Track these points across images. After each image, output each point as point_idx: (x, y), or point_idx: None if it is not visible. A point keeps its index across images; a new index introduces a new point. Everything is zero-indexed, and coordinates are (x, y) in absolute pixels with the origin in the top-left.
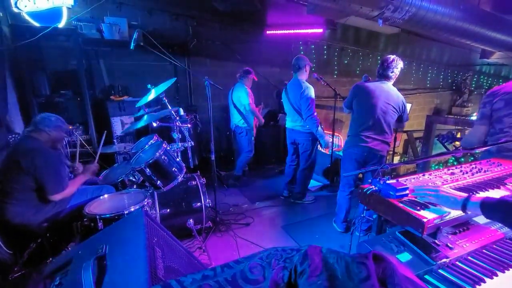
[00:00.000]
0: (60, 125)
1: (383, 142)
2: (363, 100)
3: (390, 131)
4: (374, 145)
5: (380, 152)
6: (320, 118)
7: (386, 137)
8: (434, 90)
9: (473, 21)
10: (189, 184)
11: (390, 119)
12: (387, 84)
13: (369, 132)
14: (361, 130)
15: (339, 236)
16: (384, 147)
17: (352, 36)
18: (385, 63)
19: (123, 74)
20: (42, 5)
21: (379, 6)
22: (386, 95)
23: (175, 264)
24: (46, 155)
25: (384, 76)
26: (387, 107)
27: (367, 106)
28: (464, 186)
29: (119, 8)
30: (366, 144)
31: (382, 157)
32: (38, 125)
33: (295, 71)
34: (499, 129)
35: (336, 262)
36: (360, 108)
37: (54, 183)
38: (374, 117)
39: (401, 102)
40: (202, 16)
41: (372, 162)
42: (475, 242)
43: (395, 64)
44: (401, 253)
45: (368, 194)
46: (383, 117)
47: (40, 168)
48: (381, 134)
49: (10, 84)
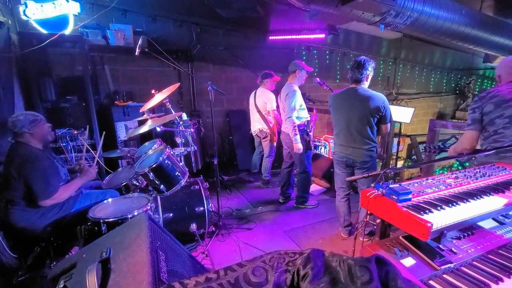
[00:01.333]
0: (34, 119)
1: (359, 149)
2: (335, 110)
3: (366, 137)
4: (350, 153)
5: (359, 158)
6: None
7: (363, 145)
8: (437, 95)
9: (476, 26)
10: (192, 188)
11: (364, 126)
12: (358, 89)
13: (344, 141)
14: (337, 139)
15: (342, 240)
16: (361, 153)
17: (354, 41)
18: (354, 65)
19: (128, 80)
20: (49, 13)
21: (381, 11)
22: (356, 102)
23: (178, 267)
24: (33, 161)
25: (355, 80)
26: (358, 114)
27: (338, 116)
28: (468, 190)
29: (124, 15)
30: (343, 151)
31: (363, 162)
32: (14, 130)
33: (289, 75)
34: (493, 131)
35: (339, 266)
36: (335, 118)
37: (41, 189)
38: (345, 126)
39: (378, 102)
40: (206, 22)
41: (356, 166)
42: (480, 247)
43: (364, 65)
44: (405, 258)
45: (371, 198)
46: (355, 125)
47: (27, 175)
48: (354, 142)
49: (17, 89)
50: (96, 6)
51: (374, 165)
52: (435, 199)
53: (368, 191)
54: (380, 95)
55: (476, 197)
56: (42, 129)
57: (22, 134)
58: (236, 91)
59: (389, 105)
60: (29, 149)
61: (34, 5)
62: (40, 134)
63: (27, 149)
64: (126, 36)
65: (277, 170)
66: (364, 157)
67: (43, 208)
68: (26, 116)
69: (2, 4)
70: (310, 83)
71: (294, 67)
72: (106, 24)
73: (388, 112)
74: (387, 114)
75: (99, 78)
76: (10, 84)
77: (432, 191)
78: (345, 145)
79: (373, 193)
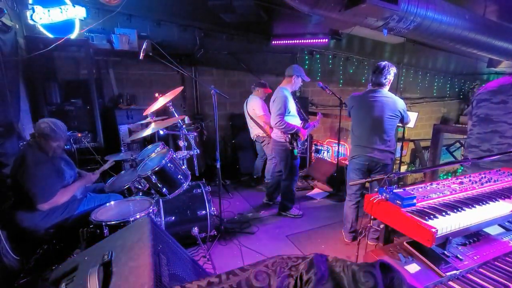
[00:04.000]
0: (47, 133)
1: (383, 151)
2: (357, 111)
3: (389, 138)
4: (375, 155)
5: (383, 160)
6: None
7: (387, 146)
8: (441, 99)
9: (479, 31)
10: (194, 191)
11: (388, 127)
12: (381, 92)
13: (367, 143)
14: (360, 141)
15: (345, 246)
16: (386, 156)
17: (357, 45)
18: (377, 70)
19: (132, 83)
20: (56, 17)
21: (384, 16)
22: (380, 104)
23: (180, 271)
24: (32, 165)
25: (378, 83)
26: (382, 116)
27: (362, 118)
28: (474, 196)
29: (129, 19)
30: (366, 154)
31: (385, 165)
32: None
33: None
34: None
35: (343, 271)
36: (356, 119)
37: (38, 193)
38: (370, 128)
39: (399, 106)
40: (210, 27)
41: (375, 171)
42: (486, 254)
43: (387, 70)
44: (409, 264)
45: (375, 203)
46: (379, 126)
47: (25, 179)
48: (379, 143)
49: (23, 92)
50: (102, 11)
51: (392, 170)
52: (439, 204)
53: (371, 196)
54: (400, 98)
55: (482, 203)
56: (47, 144)
57: (39, 139)
58: (239, 95)
59: None
60: (33, 152)
61: (41, 9)
62: (44, 146)
63: (31, 152)
64: (130, 40)
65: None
66: (387, 160)
67: (47, 210)
68: (46, 126)
69: (10, 9)
70: (313, 87)
71: (292, 71)
72: (111, 28)
73: (406, 114)
74: (405, 115)
75: (103, 82)
76: (16, 87)
77: (436, 196)
78: (369, 147)
79: (376, 198)
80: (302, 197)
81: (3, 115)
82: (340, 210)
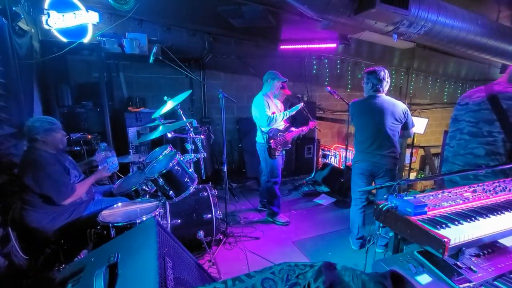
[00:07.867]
0: (49, 128)
1: (386, 156)
2: (359, 118)
3: (392, 144)
4: (377, 160)
5: (385, 166)
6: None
7: (389, 151)
8: (451, 105)
9: (492, 36)
10: (201, 195)
11: (390, 132)
12: (381, 97)
13: (370, 148)
14: (363, 146)
15: (353, 253)
16: (388, 161)
17: (366, 50)
18: (376, 76)
19: (141, 86)
20: (70, 22)
21: (394, 21)
22: (381, 109)
23: (185, 275)
24: (43, 167)
25: (376, 89)
26: (384, 121)
27: (364, 124)
28: (488, 205)
29: (140, 24)
30: (369, 159)
31: (388, 170)
32: (29, 135)
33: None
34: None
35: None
36: (358, 125)
37: (58, 192)
38: (372, 133)
39: (401, 110)
40: (218, 31)
41: (379, 176)
42: (501, 266)
43: (383, 75)
44: (420, 275)
45: (384, 210)
46: (381, 132)
47: (40, 182)
48: (382, 149)
49: (36, 94)
50: (114, 16)
51: (396, 175)
52: (452, 213)
53: (381, 203)
54: (400, 102)
55: (497, 213)
56: (55, 137)
57: (35, 140)
58: (246, 99)
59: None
60: (39, 154)
61: (56, 14)
62: (53, 142)
63: (37, 155)
64: (141, 44)
65: (286, 178)
66: (391, 165)
67: (56, 212)
68: (42, 123)
69: (27, 14)
70: (321, 92)
71: (267, 76)
72: (123, 33)
73: (410, 117)
74: (409, 118)
75: (113, 85)
76: (30, 89)
77: (448, 205)
78: (372, 152)
79: (386, 205)
80: (308, 203)
81: (17, 117)
82: (347, 217)
